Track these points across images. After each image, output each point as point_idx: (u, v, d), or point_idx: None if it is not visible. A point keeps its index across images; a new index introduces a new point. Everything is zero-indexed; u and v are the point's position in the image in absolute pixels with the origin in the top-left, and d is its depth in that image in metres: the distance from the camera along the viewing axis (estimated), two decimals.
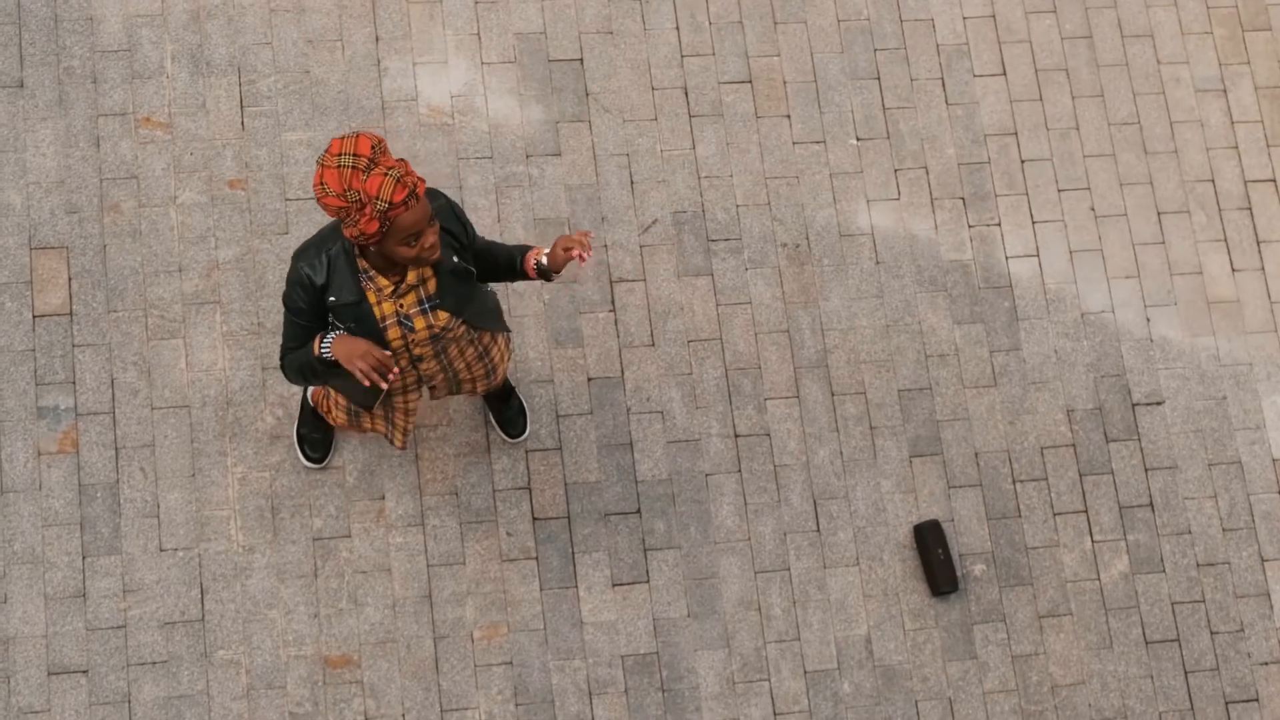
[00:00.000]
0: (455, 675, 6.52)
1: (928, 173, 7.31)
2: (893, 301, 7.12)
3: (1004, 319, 7.15)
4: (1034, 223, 7.30)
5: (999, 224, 7.27)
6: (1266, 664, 6.90)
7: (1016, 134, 7.41)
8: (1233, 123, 7.54)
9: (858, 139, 7.33)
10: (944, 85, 7.43)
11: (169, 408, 6.65)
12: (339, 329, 5.32)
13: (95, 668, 6.39)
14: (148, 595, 6.47)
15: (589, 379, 6.88)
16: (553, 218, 7.02)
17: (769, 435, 6.90)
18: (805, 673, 6.69)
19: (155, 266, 6.78)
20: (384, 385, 5.19)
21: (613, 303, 6.96)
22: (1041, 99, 7.47)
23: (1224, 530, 7.02)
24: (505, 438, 6.72)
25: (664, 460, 6.83)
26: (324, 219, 6.93)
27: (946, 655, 6.77)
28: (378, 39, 7.17)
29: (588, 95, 7.23)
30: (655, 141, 7.21)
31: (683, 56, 7.32)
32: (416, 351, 5.51)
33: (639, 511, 6.76)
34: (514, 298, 6.91)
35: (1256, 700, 6.85)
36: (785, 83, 7.35)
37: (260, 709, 6.41)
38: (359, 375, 5.20)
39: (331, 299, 5.28)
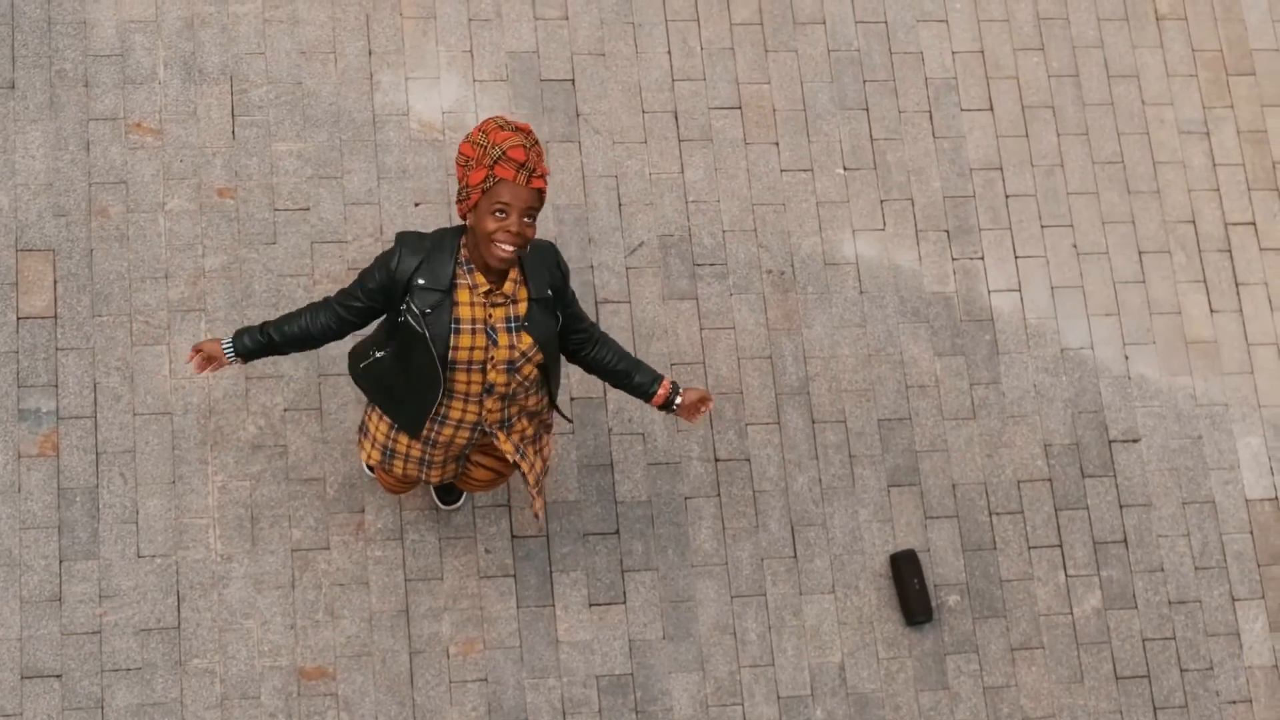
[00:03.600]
0: (430, 690, 6.52)
1: (913, 204, 7.35)
2: (875, 331, 7.16)
3: (985, 352, 7.20)
4: (1017, 257, 7.35)
5: (982, 258, 7.32)
6: (1235, 703, 6.95)
7: (1002, 169, 7.46)
8: (1215, 165, 7.61)
9: (845, 168, 7.37)
10: (931, 118, 7.48)
11: (151, 414, 6.65)
12: (411, 318, 5.34)
13: (69, 673, 6.37)
14: (124, 601, 6.45)
15: (571, 398, 6.89)
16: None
17: (749, 460, 6.93)
18: (779, 698, 6.71)
19: (141, 272, 6.78)
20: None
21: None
22: (1027, 135, 7.52)
23: (1196, 569, 7.07)
24: (440, 505, 6.68)
25: (644, 482, 6.85)
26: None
27: (919, 685, 6.80)
28: (371, 52, 7.19)
29: (578, 116, 7.26)
30: (644, 164, 7.23)
31: (674, 80, 7.36)
32: (490, 377, 5.47)
33: (618, 532, 6.78)
34: None
35: None
36: (775, 110, 7.39)
37: (233, 718, 6.40)
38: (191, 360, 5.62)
39: (420, 281, 5.31)
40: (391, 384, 5.61)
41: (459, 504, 6.66)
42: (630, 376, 5.70)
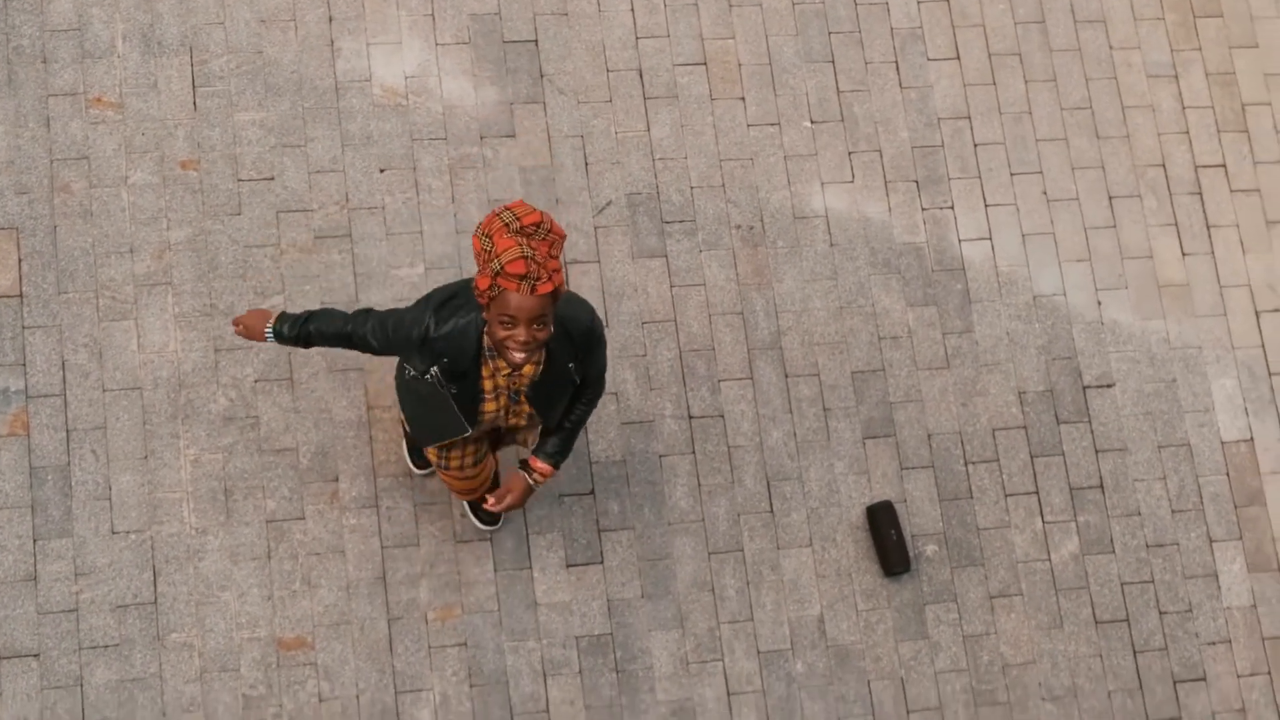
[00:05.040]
0: (409, 657, 6.52)
1: (881, 156, 7.33)
2: (846, 283, 7.14)
3: (957, 301, 7.18)
4: (987, 206, 7.33)
5: (952, 207, 7.30)
6: (1214, 644, 6.95)
7: (970, 118, 7.44)
8: (1184, 108, 7.58)
9: (812, 122, 7.34)
10: (898, 69, 7.45)
11: (120, 390, 6.63)
12: (437, 384, 5.32)
13: (46, 651, 6.36)
14: (99, 578, 6.44)
15: None
16: (507, 199, 7.01)
17: (723, 417, 6.92)
18: (758, 653, 6.71)
19: (106, 247, 6.75)
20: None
21: (567, 284, 6.96)
22: (995, 83, 7.50)
23: (1173, 512, 7.07)
24: (480, 525, 6.69)
25: (618, 441, 6.83)
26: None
27: (898, 635, 6.80)
28: (331, 19, 7.15)
29: (542, 77, 7.23)
30: (610, 123, 7.20)
31: (637, 38, 7.32)
32: (511, 422, 5.53)
33: (593, 493, 6.77)
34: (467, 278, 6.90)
35: (1204, 679, 6.91)
36: (740, 65, 7.35)
37: (213, 691, 6.39)
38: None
39: (445, 360, 5.24)
40: (423, 399, 5.55)
41: (499, 525, 6.67)
42: (549, 432, 5.63)
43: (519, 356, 5.06)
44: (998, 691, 6.79)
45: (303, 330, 5.56)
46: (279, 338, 5.61)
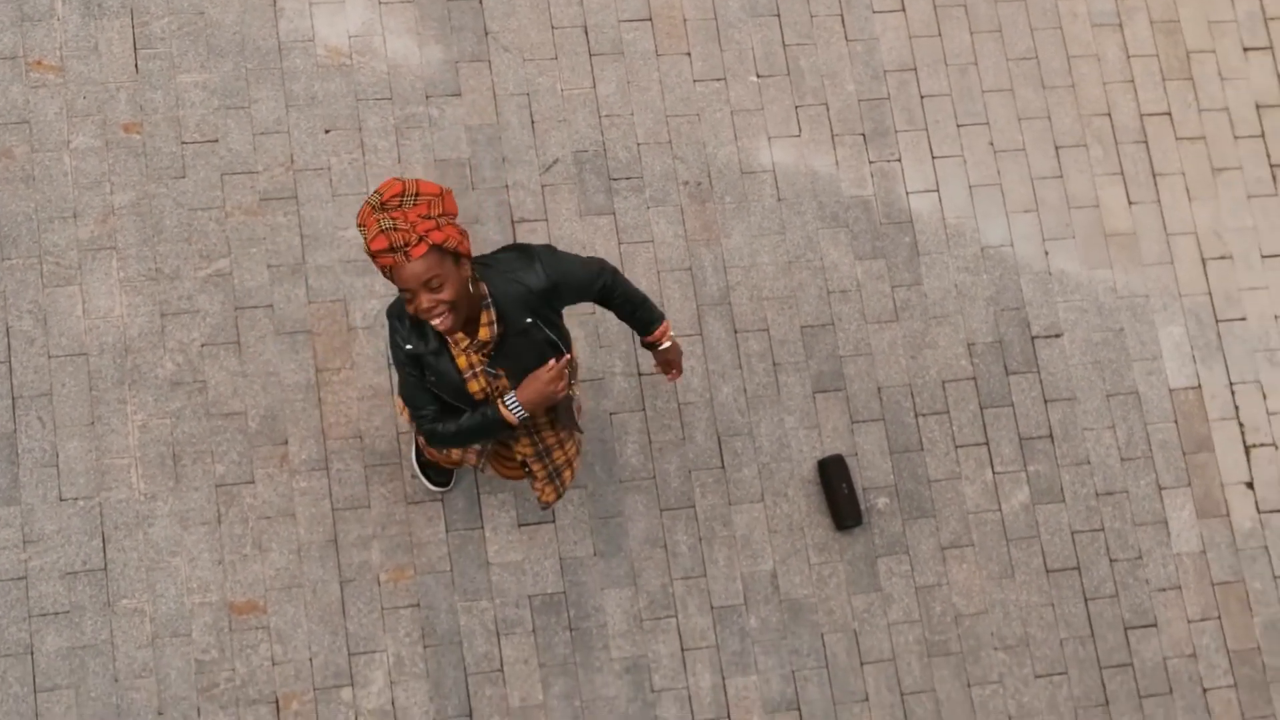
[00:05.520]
0: (362, 618, 6.52)
1: (828, 109, 7.32)
2: (794, 238, 7.14)
3: (905, 254, 7.19)
4: (934, 158, 7.33)
5: (899, 160, 7.30)
6: (1164, 590, 6.99)
7: (916, 70, 7.43)
8: (1129, 57, 7.59)
9: (758, 76, 7.33)
10: (843, 21, 7.44)
11: (66, 356, 6.59)
12: (429, 384, 5.32)
13: None
14: (48, 545, 6.42)
15: None
16: (453, 158, 6.98)
17: None
18: (712, 608, 6.73)
19: (49, 212, 6.70)
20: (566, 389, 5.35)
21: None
22: (940, 34, 7.49)
23: (1122, 460, 7.10)
24: (432, 486, 6.69)
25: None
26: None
27: (851, 588, 6.82)
28: None
29: (487, 34, 7.19)
30: (555, 80, 7.18)
31: None
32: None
33: None
34: None
35: (1155, 625, 6.95)
36: (685, 20, 7.33)
37: (165, 657, 6.38)
38: (552, 398, 5.32)
39: (409, 348, 5.24)
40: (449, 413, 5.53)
41: (450, 486, 6.66)
42: (637, 324, 5.65)
43: (438, 323, 5.03)
44: (950, 642, 6.82)
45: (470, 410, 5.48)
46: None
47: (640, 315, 5.59)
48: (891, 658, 6.78)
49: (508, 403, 5.28)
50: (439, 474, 6.60)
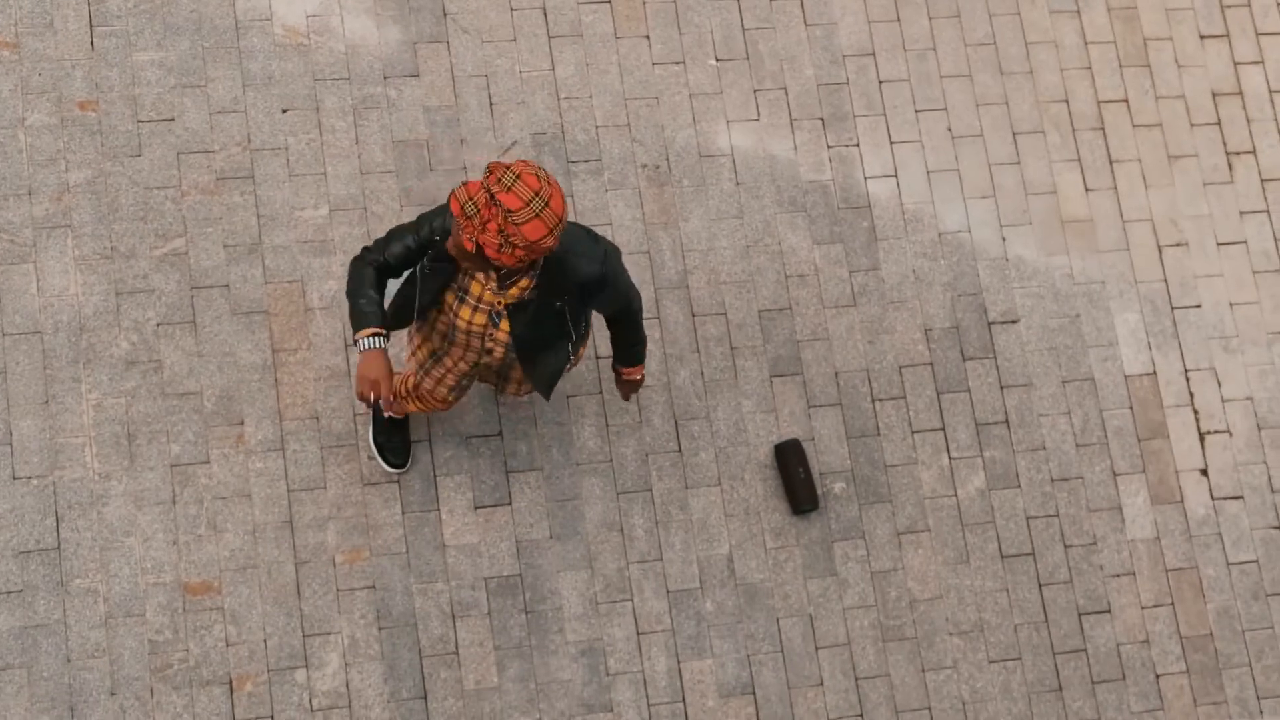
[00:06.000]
0: (317, 600, 6.49)
1: (787, 93, 7.32)
2: (752, 222, 7.14)
3: (863, 239, 7.20)
4: (892, 143, 7.34)
5: (857, 144, 7.31)
6: (1118, 576, 7.02)
7: (874, 55, 7.43)
8: (1086, 43, 7.61)
9: (717, 60, 7.32)
10: (803, 6, 7.44)
11: (20, 334, 6.54)
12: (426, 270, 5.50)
13: None
14: (1, 525, 6.37)
15: None
16: (411, 140, 6.96)
17: None
18: (668, 592, 6.73)
19: (4, 190, 6.65)
20: (366, 407, 5.63)
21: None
22: (899, 19, 7.49)
23: (1077, 446, 7.13)
24: (388, 467, 6.72)
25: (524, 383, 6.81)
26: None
27: (807, 573, 6.83)
28: None
29: (446, 16, 7.16)
30: (514, 62, 7.16)
31: None
32: (488, 345, 5.64)
33: (500, 434, 6.75)
34: (372, 220, 6.85)
35: (1109, 611, 6.98)
36: (644, 3, 7.32)
37: (119, 637, 6.35)
38: (357, 389, 5.49)
39: (440, 239, 5.41)
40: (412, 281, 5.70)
41: (406, 467, 6.67)
42: (633, 345, 5.84)
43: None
44: (905, 627, 6.84)
45: (375, 308, 5.57)
46: (379, 331, 5.59)
47: (634, 350, 5.83)
48: (847, 642, 6.79)
49: (362, 344, 5.46)
50: (396, 455, 6.58)
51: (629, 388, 5.99)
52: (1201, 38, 7.70)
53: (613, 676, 6.62)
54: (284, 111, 6.92)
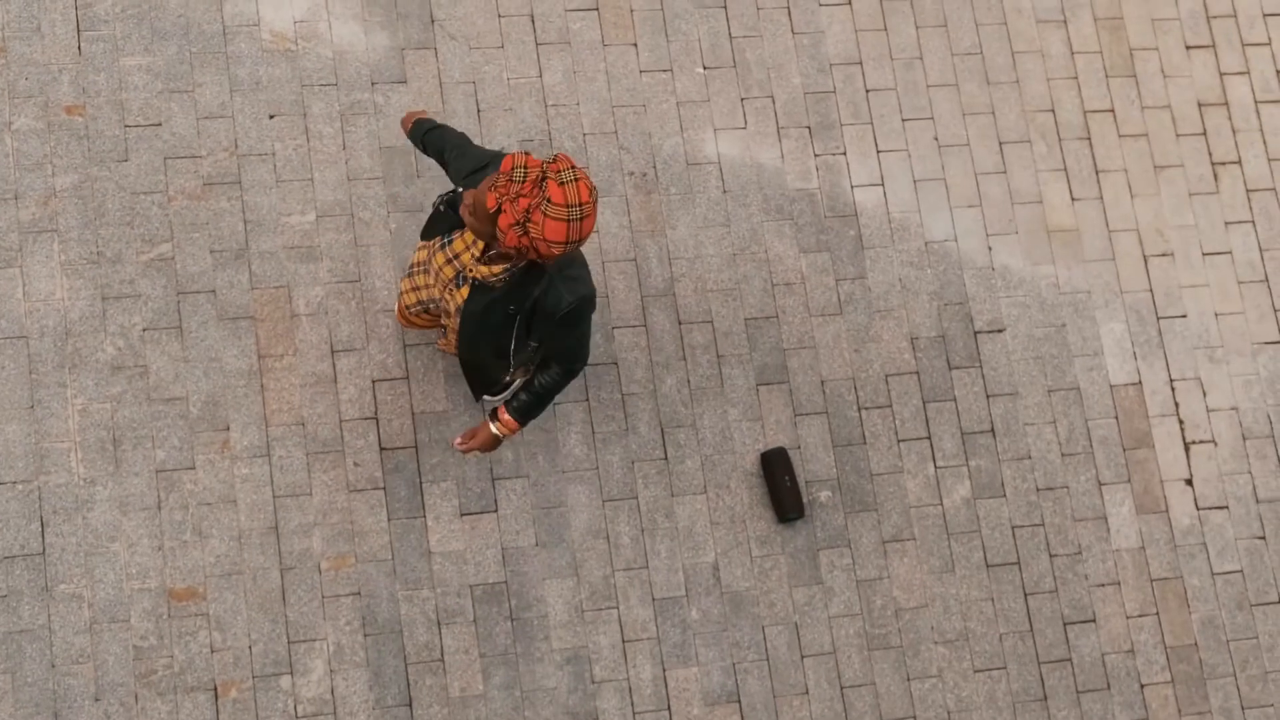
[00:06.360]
0: (303, 606, 6.48)
1: (774, 102, 7.32)
2: (739, 230, 7.14)
3: (849, 248, 7.20)
4: (879, 152, 7.34)
5: (844, 153, 7.31)
6: (1103, 585, 7.03)
7: (861, 64, 7.44)
8: (1072, 53, 7.62)
9: (704, 68, 7.32)
10: (790, 14, 7.44)
11: (6, 339, 6.52)
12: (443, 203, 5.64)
13: None
14: None
15: None
16: (399, 146, 6.95)
17: (616, 364, 6.91)
18: (653, 600, 6.72)
19: None
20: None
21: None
22: (886, 28, 7.50)
23: (1063, 455, 7.14)
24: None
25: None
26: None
27: (793, 581, 6.83)
28: None
29: (433, 22, 7.16)
30: (502, 69, 7.15)
31: None
32: (445, 297, 5.71)
33: None
34: (359, 226, 6.84)
35: (1094, 621, 6.99)
36: (632, 10, 7.32)
37: (103, 643, 6.33)
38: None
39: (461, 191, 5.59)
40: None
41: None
42: (537, 398, 5.76)
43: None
44: (891, 635, 6.84)
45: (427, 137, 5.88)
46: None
47: (530, 399, 5.70)
48: (832, 651, 6.80)
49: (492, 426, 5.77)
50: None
51: (483, 437, 5.81)
52: (1187, 48, 7.72)
53: (598, 684, 6.62)
54: (271, 117, 6.91)
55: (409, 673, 6.50)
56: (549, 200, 5.00)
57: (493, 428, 5.76)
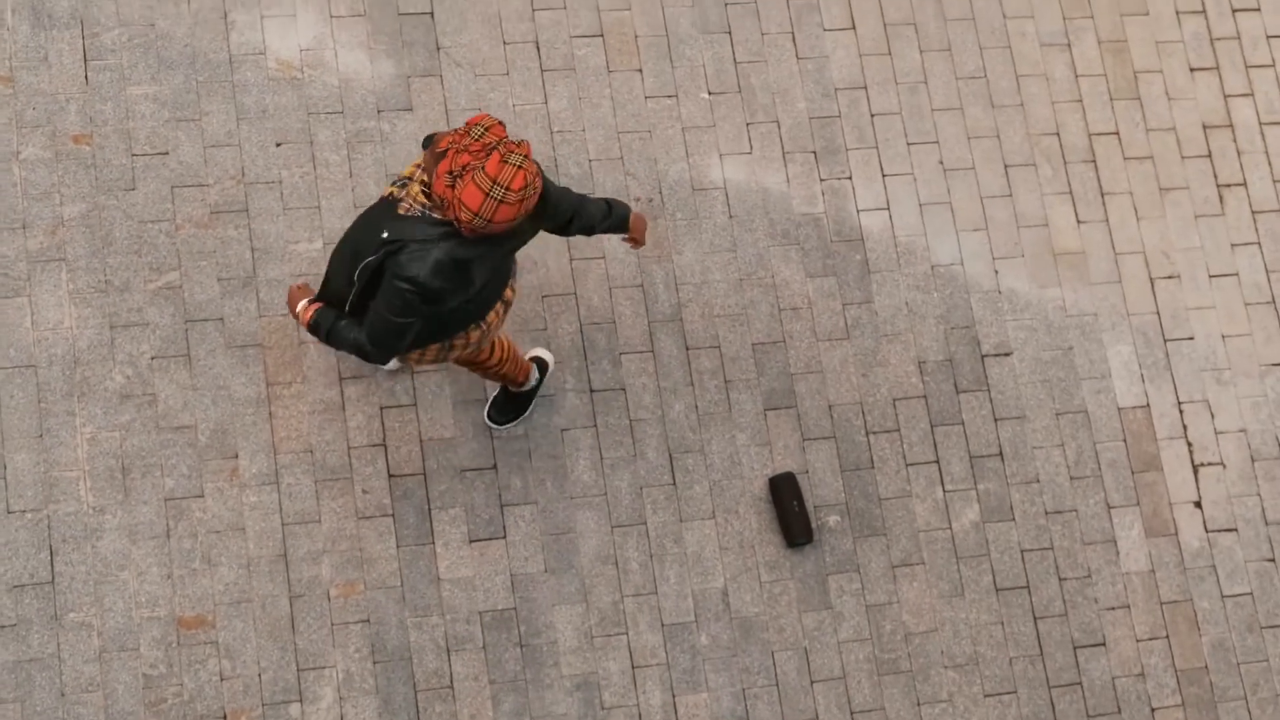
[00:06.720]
0: (312, 634, 6.48)
1: (779, 126, 7.33)
2: (746, 255, 7.14)
3: (856, 272, 7.21)
4: (884, 176, 7.35)
5: (850, 177, 7.32)
6: (1113, 609, 7.03)
7: (866, 88, 7.45)
8: (1077, 76, 7.64)
9: (709, 93, 7.34)
10: (794, 39, 7.46)
11: (14, 368, 6.53)
12: None
13: None
14: None
15: None
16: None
17: (624, 390, 6.91)
18: (663, 626, 6.72)
19: None
20: None
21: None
22: (890, 53, 7.52)
23: (1071, 479, 7.13)
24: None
25: None
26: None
27: (802, 606, 6.82)
28: None
29: (439, 49, 7.17)
30: (507, 96, 7.17)
31: (534, 10, 7.28)
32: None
33: (495, 467, 6.74)
34: None
35: (1103, 645, 6.98)
36: (637, 36, 7.34)
37: (113, 671, 6.32)
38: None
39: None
40: None
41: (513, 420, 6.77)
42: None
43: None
44: (900, 660, 6.83)
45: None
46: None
47: (326, 326, 5.60)
48: (842, 676, 6.79)
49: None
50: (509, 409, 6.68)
51: (293, 302, 5.74)
52: (1191, 70, 7.73)
53: (607, 710, 6.61)
54: (278, 145, 6.92)
55: (418, 700, 6.49)
56: (483, 168, 5.13)
57: (299, 306, 5.67)
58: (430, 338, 5.72)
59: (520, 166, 5.13)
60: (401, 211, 5.40)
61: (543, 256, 6.96)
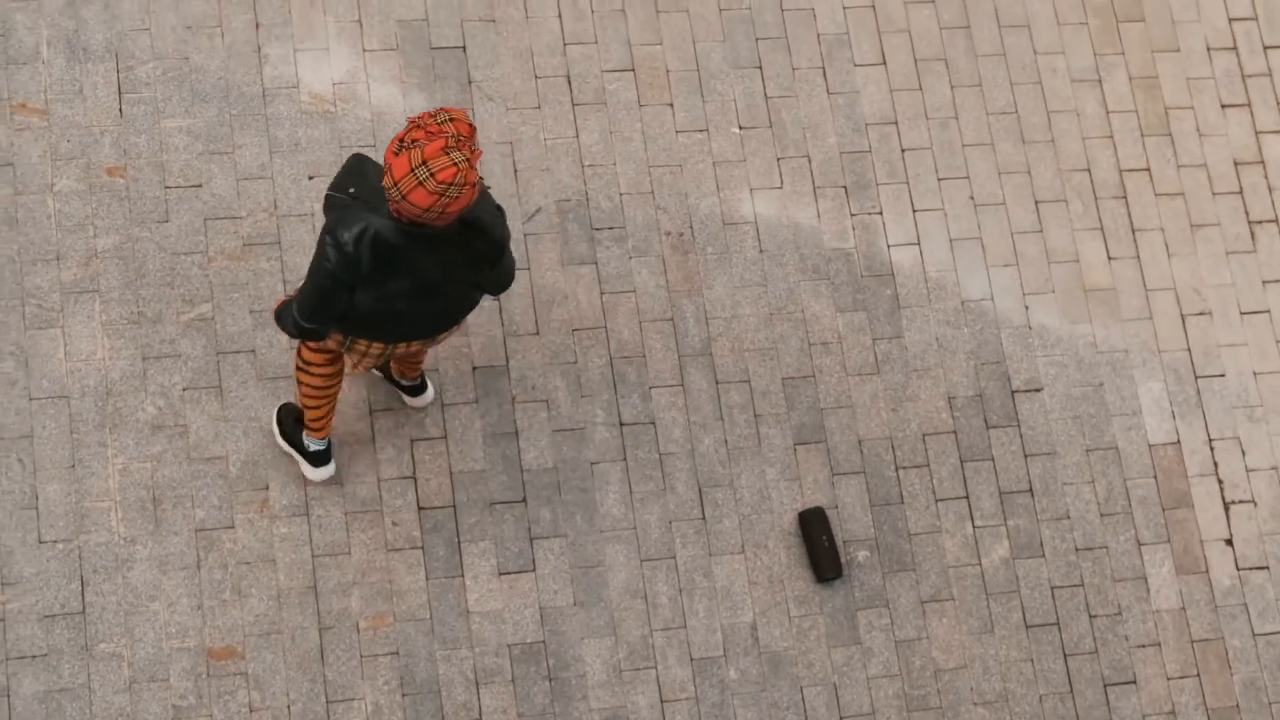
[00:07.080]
0: (341, 666, 6.48)
1: (810, 161, 7.35)
2: (776, 290, 7.15)
3: (886, 307, 7.21)
4: (915, 211, 7.36)
5: (880, 212, 7.33)
6: (1144, 646, 7.00)
7: (897, 123, 7.47)
8: (1108, 112, 7.64)
9: (740, 128, 7.35)
10: (825, 75, 7.48)
11: (47, 398, 6.55)
12: None
13: None
14: (27, 588, 6.37)
15: (474, 368, 6.86)
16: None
17: (654, 424, 6.92)
18: (692, 660, 6.71)
19: (32, 255, 6.68)
20: None
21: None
22: (921, 88, 7.53)
23: (1102, 515, 7.12)
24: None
25: (549, 449, 6.82)
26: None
27: (831, 641, 6.81)
28: (258, 25, 7.10)
29: (470, 83, 7.20)
30: (539, 130, 7.19)
31: (565, 44, 7.31)
32: None
33: (525, 500, 6.75)
34: None
35: (1134, 682, 6.96)
36: (668, 71, 7.36)
37: (143, 702, 6.33)
38: None
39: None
40: None
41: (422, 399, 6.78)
42: None
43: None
44: (930, 696, 6.82)
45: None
46: None
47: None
48: (871, 712, 6.77)
49: None
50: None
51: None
52: (1223, 107, 7.73)
53: None
54: (310, 178, 6.95)
55: None
56: (423, 148, 5.23)
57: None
58: (344, 322, 5.80)
59: (456, 165, 5.23)
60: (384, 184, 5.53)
61: (573, 290, 6.98)
